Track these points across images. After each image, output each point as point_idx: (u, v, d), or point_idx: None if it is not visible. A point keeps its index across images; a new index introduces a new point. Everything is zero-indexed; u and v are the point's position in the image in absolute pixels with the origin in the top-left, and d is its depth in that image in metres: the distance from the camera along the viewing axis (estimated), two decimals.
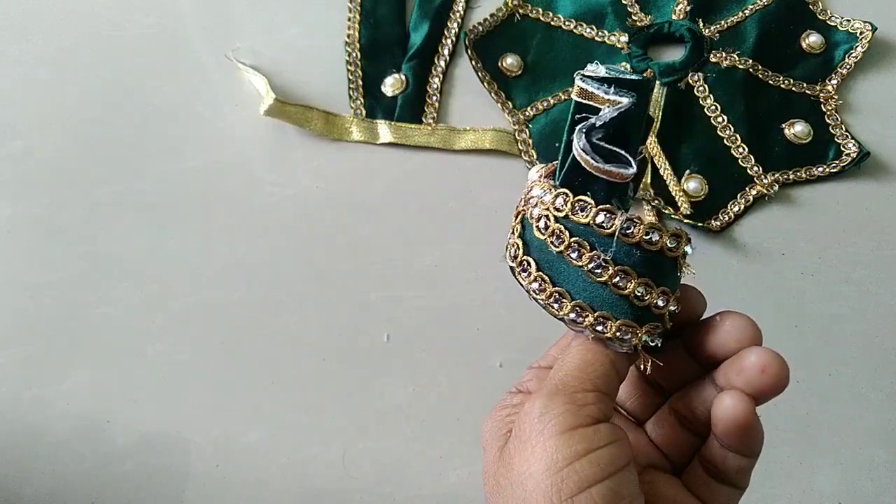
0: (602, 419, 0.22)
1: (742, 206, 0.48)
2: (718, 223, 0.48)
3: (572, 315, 0.24)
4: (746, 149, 0.50)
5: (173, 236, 0.48)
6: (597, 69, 0.25)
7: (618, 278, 0.24)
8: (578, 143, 0.24)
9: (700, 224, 0.47)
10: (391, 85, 0.53)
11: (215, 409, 0.44)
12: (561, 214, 0.25)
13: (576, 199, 0.25)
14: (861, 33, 0.53)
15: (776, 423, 0.43)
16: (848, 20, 0.54)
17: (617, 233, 0.24)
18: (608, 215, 0.24)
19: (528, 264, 0.26)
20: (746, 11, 0.54)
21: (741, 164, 0.49)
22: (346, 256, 0.47)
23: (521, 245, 0.26)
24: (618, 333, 0.24)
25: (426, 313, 0.46)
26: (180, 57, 0.54)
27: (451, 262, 0.47)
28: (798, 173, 0.49)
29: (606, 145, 0.24)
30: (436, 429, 0.43)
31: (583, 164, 0.24)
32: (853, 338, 0.45)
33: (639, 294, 0.24)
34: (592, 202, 0.24)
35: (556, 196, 0.25)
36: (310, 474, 0.42)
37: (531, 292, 0.25)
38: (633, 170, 0.23)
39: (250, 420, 0.43)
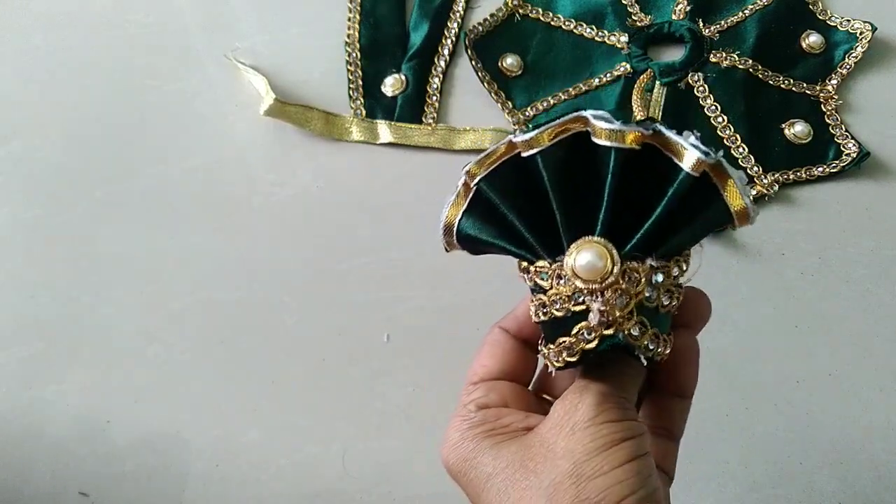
0: (636, 418, 0.25)
1: None
2: None
3: (667, 352, 0.26)
4: (746, 149, 0.50)
5: (173, 236, 0.48)
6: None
7: (677, 303, 0.26)
8: (754, 210, 0.24)
9: None
10: (391, 85, 0.53)
11: (215, 409, 0.44)
12: (678, 282, 0.26)
13: (684, 258, 0.26)
14: (861, 33, 0.53)
15: (776, 423, 0.43)
16: (848, 20, 0.54)
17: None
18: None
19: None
20: (746, 11, 0.54)
21: (741, 164, 0.49)
22: (346, 256, 0.47)
23: (658, 332, 0.25)
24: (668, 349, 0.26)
25: (426, 313, 0.46)
26: (180, 57, 0.54)
27: (451, 262, 0.47)
28: (798, 173, 0.49)
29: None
30: (436, 429, 0.43)
31: (740, 223, 0.25)
32: (853, 338, 0.45)
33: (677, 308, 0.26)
34: (688, 256, 0.26)
35: (675, 266, 0.25)
36: (310, 474, 0.42)
37: (658, 355, 0.25)
38: None
39: (250, 420, 0.43)
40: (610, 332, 0.23)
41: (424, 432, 0.43)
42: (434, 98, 0.53)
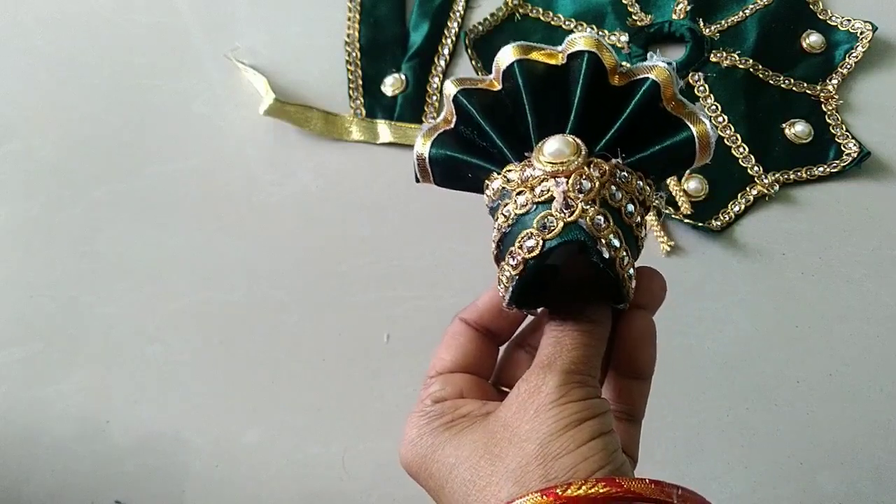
0: (599, 396, 0.25)
1: (742, 206, 0.48)
2: (719, 223, 0.48)
3: (631, 272, 0.25)
4: (747, 148, 0.50)
5: (173, 236, 0.48)
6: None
7: (644, 234, 0.26)
8: (714, 134, 0.24)
9: (700, 224, 0.47)
10: (391, 84, 0.53)
11: (215, 409, 0.44)
12: (641, 197, 0.25)
13: (647, 179, 0.26)
14: (861, 33, 0.53)
15: (777, 423, 0.43)
16: (848, 20, 0.54)
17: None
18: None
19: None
20: (747, 11, 0.54)
21: (741, 163, 0.49)
22: (346, 256, 0.47)
23: (620, 233, 0.24)
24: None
25: (426, 313, 0.46)
26: (180, 56, 0.54)
27: (451, 262, 0.47)
28: (798, 173, 0.49)
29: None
30: None
31: (702, 149, 0.24)
32: (853, 338, 0.45)
33: (643, 241, 0.26)
34: (652, 183, 0.26)
35: (638, 178, 0.25)
36: (309, 474, 0.42)
37: (621, 263, 0.25)
38: None
39: (250, 420, 0.43)
40: (572, 218, 0.23)
41: None
42: (434, 98, 0.53)
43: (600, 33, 0.54)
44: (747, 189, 0.49)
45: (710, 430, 0.43)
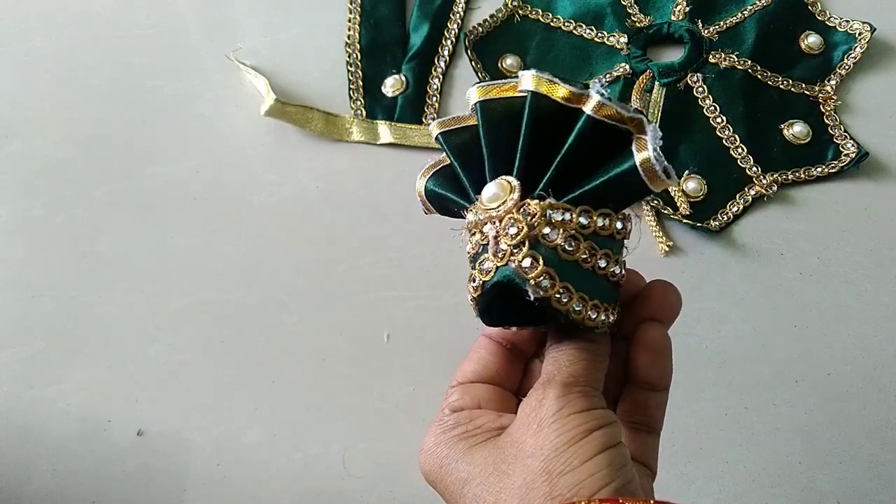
0: (604, 406, 0.25)
1: (741, 207, 0.48)
2: (717, 223, 0.48)
3: (578, 307, 0.25)
4: (745, 149, 0.50)
5: (173, 236, 0.48)
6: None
7: (613, 268, 0.26)
8: (658, 162, 0.24)
9: (699, 224, 0.47)
10: (391, 85, 0.53)
11: (215, 409, 0.44)
12: (589, 231, 0.25)
13: (599, 212, 0.25)
14: (860, 34, 0.53)
15: (775, 423, 0.43)
16: (847, 21, 0.54)
17: (625, 233, 0.26)
18: (625, 221, 0.26)
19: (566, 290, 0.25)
20: (745, 12, 0.54)
21: (740, 164, 0.50)
22: (346, 256, 0.48)
23: (553, 273, 0.24)
24: (610, 317, 0.26)
25: (426, 313, 0.46)
26: (181, 57, 0.54)
27: (451, 262, 0.47)
28: (797, 174, 0.49)
29: (665, 162, 0.24)
30: None
31: (649, 178, 0.24)
32: (852, 338, 0.45)
33: (614, 273, 0.26)
34: (613, 213, 0.26)
35: (580, 214, 0.25)
36: (310, 474, 0.42)
37: (558, 302, 0.25)
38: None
39: (250, 420, 0.43)
40: (502, 262, 0.24)
41: (424, 432, 0.43)
42: (434, 99, 0.53)
43: (599, 34, 0.54)
44: (746, 189, 0.49)
45: (708, 429, 0.43)
